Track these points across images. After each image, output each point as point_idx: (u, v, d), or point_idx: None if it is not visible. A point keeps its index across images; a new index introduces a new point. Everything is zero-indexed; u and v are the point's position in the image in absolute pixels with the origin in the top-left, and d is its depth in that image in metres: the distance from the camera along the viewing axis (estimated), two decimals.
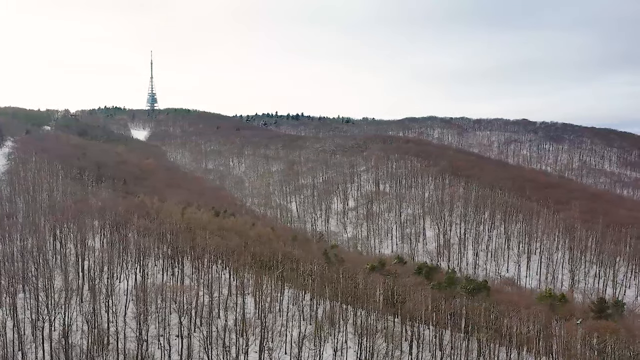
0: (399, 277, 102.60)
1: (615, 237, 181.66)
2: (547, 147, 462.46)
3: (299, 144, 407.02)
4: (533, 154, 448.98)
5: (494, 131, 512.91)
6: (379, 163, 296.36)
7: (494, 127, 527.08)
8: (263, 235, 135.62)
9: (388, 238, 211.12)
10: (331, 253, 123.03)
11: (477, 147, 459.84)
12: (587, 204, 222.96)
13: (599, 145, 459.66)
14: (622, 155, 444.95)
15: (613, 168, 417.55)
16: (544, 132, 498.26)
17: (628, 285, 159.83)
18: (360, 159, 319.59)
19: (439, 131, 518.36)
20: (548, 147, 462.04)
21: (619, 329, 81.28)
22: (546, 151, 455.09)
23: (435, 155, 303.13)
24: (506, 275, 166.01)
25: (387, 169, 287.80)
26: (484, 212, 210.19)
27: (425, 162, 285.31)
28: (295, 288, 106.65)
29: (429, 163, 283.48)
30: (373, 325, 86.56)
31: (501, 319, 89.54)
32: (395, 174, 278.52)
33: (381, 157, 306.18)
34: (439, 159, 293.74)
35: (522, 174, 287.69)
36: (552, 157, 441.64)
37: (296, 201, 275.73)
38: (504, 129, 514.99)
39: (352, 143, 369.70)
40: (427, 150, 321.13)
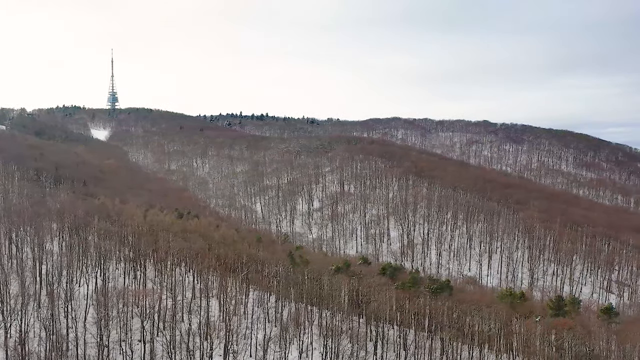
0: (363, 278, 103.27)
1: (572, 236, 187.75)
2: (507, 148, 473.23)
3: (263, 144, 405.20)
4: (494, 154, 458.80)
5: (456, 132, 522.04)
6: (343, 164, 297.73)
7: (456, 128, 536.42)
8: (227, 237, 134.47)
9: (353, 239, 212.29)
10: (296, 254, 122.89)
11: (439, 148, 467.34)
12: (545, 204, 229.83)
13: (556, 146, 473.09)
14: (578, 156, 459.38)
15: (570, 169, 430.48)
16: (504, 133, 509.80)
17: (584, 282, 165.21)
18: (325, 159, 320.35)
19: (403, 132, 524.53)
20: (508, 148, 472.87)
21: (576, 325, 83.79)
22: (506, 152, 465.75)
23: (399, 156, 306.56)
24: (468, 275, 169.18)
25: (352, 169, 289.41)
26: (447, 212, 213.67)
27: (389, 163, 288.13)
28: (260, 290, 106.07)
29: (393, 164, 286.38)
30: (338, 326, 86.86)
31: (463, 317, 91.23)
32: (359, 174, 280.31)
33: (346, 157, 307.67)
34: (402, 159, 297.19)
35: (483, 175, 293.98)
36: (511, 157, 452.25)
37: (261, 202, 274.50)
38: (465, 130, 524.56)
39: (317, 144, 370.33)
40: (391, 151, 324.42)
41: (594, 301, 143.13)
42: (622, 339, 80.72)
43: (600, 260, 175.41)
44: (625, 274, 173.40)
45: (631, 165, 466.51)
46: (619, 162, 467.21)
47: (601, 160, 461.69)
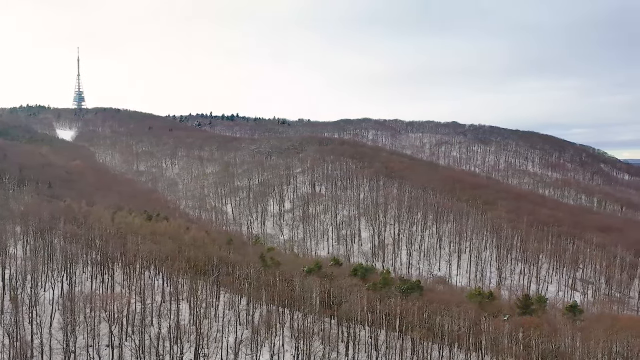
0: (335, 279, 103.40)
1: (538, 235, 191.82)
2: (475, 149, 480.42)
3: (234, 145, 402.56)
4: (462, 155, 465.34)
5: (426, 133, 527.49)
6: (314, 165, 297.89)
7: (425, 129, 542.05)
8: (198, 239, 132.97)
9: (324, 239, 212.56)
10: (267, 256, 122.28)
11: (409, 149, 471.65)
12: (512, 204, 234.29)
13: (523, 147, 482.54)
14: (544, 157, 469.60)
15: (536, 169, 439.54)
16: (472, 134, 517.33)
17: (550, 281, 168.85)
18: (296, 160, 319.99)
19: (374, 133, 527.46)
20: (476, 148, 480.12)
21: (542, 323, 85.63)
22: (474, 153, 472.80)
23: (369, 157, 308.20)
24: (438, 274, 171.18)
25: (323, 170, 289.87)
26: (417, 212, 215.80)
27: (360, 164, 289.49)
28: (231, 292, 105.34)
29: (363, 165, 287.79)
30: (310, 327, 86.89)
31: (434, 317, 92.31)
32: (331, 175, 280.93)
33: (317, 158, 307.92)
34: (373, 160, 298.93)
35: (453, 175, 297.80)
36: (480, 158, 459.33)
37: (232, 203, 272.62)
38: (435, 131, 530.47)
39: (288, 144, 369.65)
40: (362, 152, 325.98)
41: (560, 299, 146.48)
42: (586, 336, 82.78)
43: (565, 259, 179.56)
44: (589, 272, 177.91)
45: (594, 165, 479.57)
46: (583, 162, 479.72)
47: (566, 160, 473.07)
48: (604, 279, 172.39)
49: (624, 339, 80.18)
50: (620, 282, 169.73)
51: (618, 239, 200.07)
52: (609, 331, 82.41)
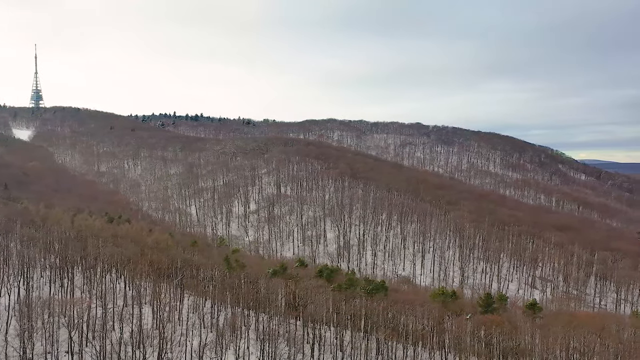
0: (300, 281, 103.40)
1: (499, 235, 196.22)
2: (438, 149, 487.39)
3: (198, 145, 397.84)
4: (426, 156, 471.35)
5: (390, 134, 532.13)
6: (280, 165, 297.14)
7: (390, 130, 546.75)
8: (161, 242, 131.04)
9: (289, 241, 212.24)
10: (232, 258, 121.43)
11: (374, 150, 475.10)
12: (474, 204, 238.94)
13: (484, 148, 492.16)
14: (505, 158, 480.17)
15: (497, 169, 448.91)
16: (435, 135, 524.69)
17: (511, 279, 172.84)
18: (262, 161, 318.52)
19: (339, 133, 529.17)
20: (440, 149, 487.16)
21: (503, 321, 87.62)
22: (438, 154, 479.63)
23: (335, 158, 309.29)
24: (403, 274, 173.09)
25: (288, 171, 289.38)
26: (382, 213, 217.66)
27: (326, 165, 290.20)
28: (195, 295, 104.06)
29: (329, 165, 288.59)
30: (275, 329, 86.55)
31: (398, 317, 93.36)
32: (296, 176, 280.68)
33: (282, 159, 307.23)
34: (338, 161, 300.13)
35: (417, 176, 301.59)
36: (443, 159, 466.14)
37: (196, 205, 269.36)
38: (399, 132, 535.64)
39: (253, 145, 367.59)
40: (327, 153, 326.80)
41: (520, 297, 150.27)
42: (545, 333, 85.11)
43: (525, 258, 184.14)
44: (548, 271, 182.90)
45: (553, 166, 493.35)
46: (542, 163, 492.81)
47: (526, 161, 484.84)
48: (562, 276, 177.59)
49: (581, 335, 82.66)
50: (577, 279, 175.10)
51: (575, 237, 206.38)
52: (567, 328, 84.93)
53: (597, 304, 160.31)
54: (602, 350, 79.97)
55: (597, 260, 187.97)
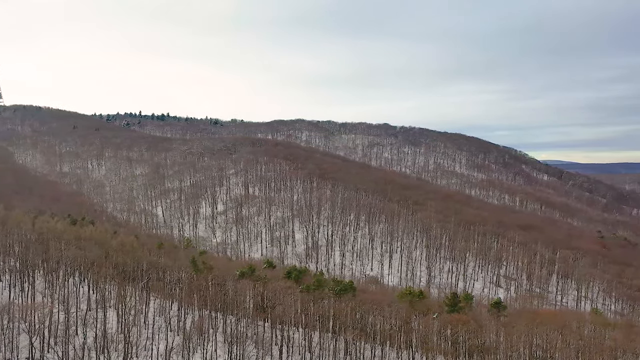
0: (268, 282, 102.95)
1: (465, 234, 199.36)
2: (406, 150, 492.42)
3: (164, 145, 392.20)
4: (394, 156, 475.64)
5: (358, 135, 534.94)
6: (248, 166, 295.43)
7: (358, 130, 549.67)
8: (126, 244, 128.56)
9: (258, 242, 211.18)
10: (199, 260, 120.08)
11: (342, 150, 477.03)
12: (441, 204, 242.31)
13: (450, 148, 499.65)
14: (470, 158, 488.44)
15: (463, 170, 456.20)
16: (403, 136, 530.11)
17: (476, 278, 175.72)
18: (229, 161, 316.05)
19: (307, 134, 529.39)
20: (407, 150, 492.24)
21: (469, 320, 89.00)
22: (405, 154, 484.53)
23: (303, 158, 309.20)
24: (371, 274, 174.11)
25: (257, 172, 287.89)
26: (350, 213, 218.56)
27: (294, 165, 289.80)
28: (161, 298, 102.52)
29: (297, 166, 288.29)
30: (243, 332, 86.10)
31: (366, 317, 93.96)
32: (264, 176, 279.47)
33: (250, 160, 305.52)
34: (307, 162, 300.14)
35: (384, 177, 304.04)
36: (410, 159, 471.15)
37: (162, 206, 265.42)
38: (367, 133, 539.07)
39: (221, 145, 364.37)
40: (296, 154, 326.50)
41: (485, 295, 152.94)
42: (510, 331, 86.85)
43: (490, 257, 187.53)
44: (512, 269, 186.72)
45: (516, 166, 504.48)
46: (506, 163, 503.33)
47: (490, 162, 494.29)
48: (525, 275, 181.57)
49: (543, 332, 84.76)
50: (540, 278, 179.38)
51: (538, 236, 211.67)
52: (530, 326, 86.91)
53: (559, 302, 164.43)
54: (564, 347, 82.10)
55: (559, 258, 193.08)
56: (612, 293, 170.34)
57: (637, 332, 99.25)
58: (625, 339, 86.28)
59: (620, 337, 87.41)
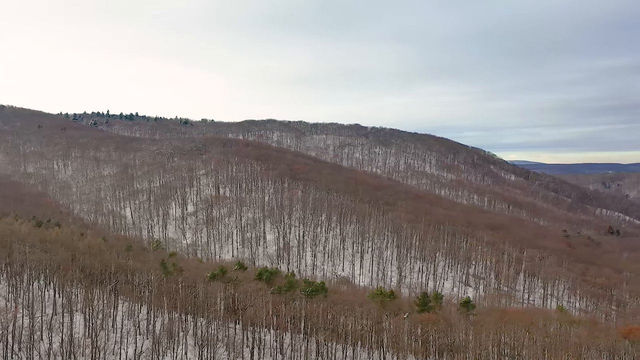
0: (240, 284, 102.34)
1: (435, 234, 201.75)
2: (377, 150, 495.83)
3: (133, 145, 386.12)
4: (365, 157, 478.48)
5: (330, 135, 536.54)
6: (218, 166, 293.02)
7: (329, 131, 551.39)
8: (94, 246, 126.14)
9: (229, 243, 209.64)
10: (169, 262, 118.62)
11: (314, 151, 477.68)
12: (411, 204, 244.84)
13: (420, 149, 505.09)
14: (440, 159, 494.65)
15: (432, 170, 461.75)
16: (374, 136, 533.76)
17: (446, 278, 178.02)
18: (200, 162, 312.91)
19: (278, 134, 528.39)
20: (378, 150, 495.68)
21: (439, 319, 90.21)
22: (376, 155, 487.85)
23: (274, 159, 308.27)
24: (342, 275, 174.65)
25: (227, 172, 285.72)
26: (321, 214, 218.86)
27: (265, 166, 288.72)
28: (130, 301, 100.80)
29: (268, 166, 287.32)
30: (214, 334, 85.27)
31: (338, 318, 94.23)
32: (235, 177, 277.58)
33: (221, 160, 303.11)
34: (278, 162, 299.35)
35: (355, 177, 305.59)
36: (381, 160, 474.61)
37: (131, 207, 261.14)
38: (338, 133, 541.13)
39: (191, 146, 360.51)
40: (267, 154, 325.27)
41: (455, 295, 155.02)
42: (478, 330, 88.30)
43: (459, 256, 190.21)
44: (481, 268, 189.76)
45: (485, 167, 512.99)
46: (475, 164, 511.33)
47: (460, 162, 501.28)
48: (494, 274, 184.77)
49: (511, 330, 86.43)
50: (508, 276, 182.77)
51: (506, 236, 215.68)
52: (498, 324, 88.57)
53: (526, 300, 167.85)
54: (531, 344, 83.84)
55: (526, 257, 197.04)
56: (577, 291, 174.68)
57: (601, 328, 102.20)
58: (589, 336, 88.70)
59: (585, 334, 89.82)
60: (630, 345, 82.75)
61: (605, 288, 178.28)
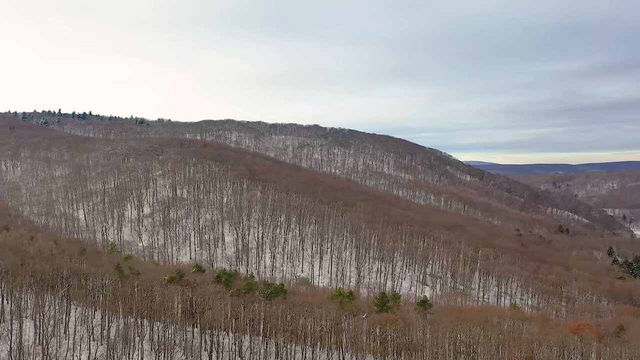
0: (198, 287, 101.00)
1: (393, 234, 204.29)
2: (336, 151, 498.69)
3: (87, 146, 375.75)
4: (324, 157, 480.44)
5: (289, 135, 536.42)
6: (175, 167, 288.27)
7: (288, 131, 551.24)
8: (44, 250, 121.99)
9: (186, 245, 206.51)
10: (125, 265, 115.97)
11: (273, 151, 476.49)
12: (370, 205, 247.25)
13: (379, 150, 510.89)
14: (398, 160, 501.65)
15: (391, 171, 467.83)
16: (333, 137, 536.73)
17: (404, 277, 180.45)
18: (156, 163, 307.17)
19: (237, 134, 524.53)
20: (337, 151, 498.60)
21: (397, 319, 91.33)
22: (335, 155, 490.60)
23: (233, 160, 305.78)
24: (301, 276, 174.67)
25: (185, 173, 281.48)
26: (280, 215, 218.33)
27: (224, 167, 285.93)
28: (84, 307, 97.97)
29: (227, 167, 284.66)
30: (171, 339, 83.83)
31: (297, 319, 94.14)
32: (193, 178, 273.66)
33: (178, 161, 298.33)
34: (237, 163, 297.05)
35: (315, 178, 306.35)
36: (340, 161, 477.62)
37: (84, 209, 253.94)
38: (297, 134, 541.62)
39: (147, 146, 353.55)
40: (225, 155, 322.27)
41: (412, 294, 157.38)
42: (435, 328, 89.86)
43: (417, 256, 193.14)
44: (437, 268, 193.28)
45: (441, 167, 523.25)
46: (432, 165, 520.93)
47: (417, 163, 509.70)
48: (450, 273, 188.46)
49: (467, 328, 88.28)
50: (464, 275, 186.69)
51: (461, 235, 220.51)
52: (454, 322, 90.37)
53: (481, 298, 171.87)
54: (485, 341, 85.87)
55: (481, 256, 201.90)
56: (529, 288, 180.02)
57: (552, 325, 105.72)
58: (540, 332, 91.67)
59: (536, 331, 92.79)
60: (579, 340, 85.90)
61: (555, 285, 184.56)
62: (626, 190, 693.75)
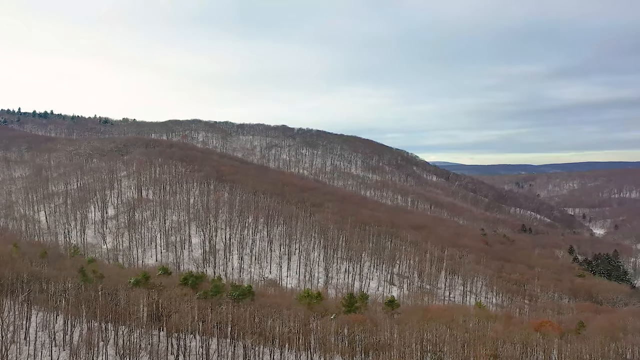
0: (164, 290, 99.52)
1: (361, 235, 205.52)
2: (304, 152, 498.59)
3: (48, 146, 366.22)
4: (292, 158, 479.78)
5: (257, 136, 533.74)
6: (141, 168, 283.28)
7: (256, 132, 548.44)
8: (4, 254, 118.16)
9: (152, 247, 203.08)
10: (88, 268, 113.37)
11: (240, 152, 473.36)
12: (338, 206, 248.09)
13: (347, 150, 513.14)
14: (365, 160, 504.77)
15: (358, 172, 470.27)
16: (301, 137, 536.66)
17: (371, 277, 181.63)
18: (121, 163, 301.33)
19: (204, 135, 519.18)
20: (305, 152, 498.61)
21: (365, 319, 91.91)
22: (303, 156, 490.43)
23: (200, 160, 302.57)
24: (269, 277, 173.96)
25: (150, 174, 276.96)
26: (248, 216, 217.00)
27: (190, 167, 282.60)
28: (45, 311, 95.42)
29: (193, 168, 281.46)
30: (137, 343, 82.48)
31: (265, 321, 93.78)
32: (159, 179, 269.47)
33: (143, 161, 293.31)
34: (203, 164, 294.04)
35: (282, 179, 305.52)
36: (308, 161, 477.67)
37: (45, 211, 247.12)
38: (265, 134, 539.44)
39: (112, 146, 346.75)
40: (192, 155, 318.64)
41: (380, 294, 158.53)
42: (402, 328, 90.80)
43: (384, 256, 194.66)
44: (405, 268, 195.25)
45: (408, 168, 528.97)
46: (399, 165, 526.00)
47: (384, 164, 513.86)
48: (417, 273, 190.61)
49: (433, 327, 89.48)
50: (430, 275, 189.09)
51: (428, 235, 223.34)
52: (421, 322, 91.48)
53: (447, 297, 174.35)
54: (452, 340, 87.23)
55: (447, 256, 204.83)
56: (494, 287, 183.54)
57: (515, 322, 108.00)
58: (504, 330, 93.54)
59: (501, 329, 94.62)
60: (542, 337, 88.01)
61: (519, 283, 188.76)
62: (586, 190, 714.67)
